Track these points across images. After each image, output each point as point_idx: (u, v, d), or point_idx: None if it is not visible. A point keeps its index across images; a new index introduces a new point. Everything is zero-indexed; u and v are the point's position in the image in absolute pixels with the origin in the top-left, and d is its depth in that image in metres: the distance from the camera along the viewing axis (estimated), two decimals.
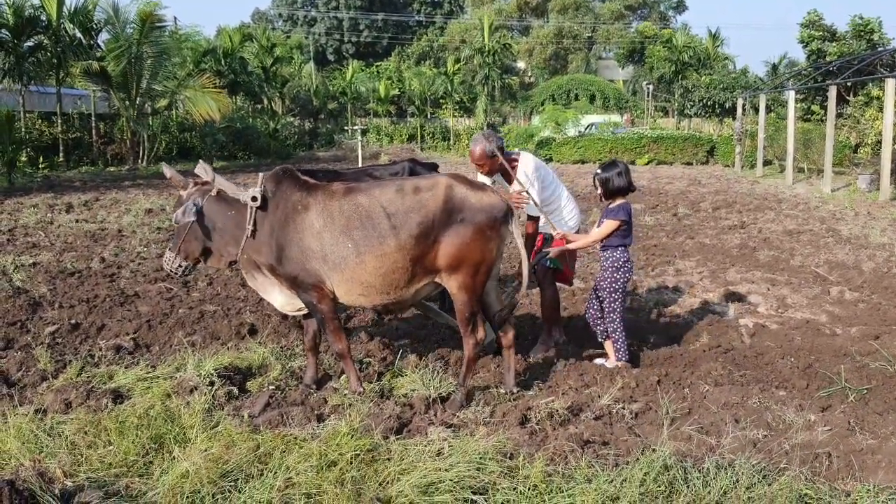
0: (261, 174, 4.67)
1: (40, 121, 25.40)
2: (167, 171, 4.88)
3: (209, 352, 5.39)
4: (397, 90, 42.88)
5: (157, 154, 27.75)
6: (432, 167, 6.47)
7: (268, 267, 4.63)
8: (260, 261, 4.64)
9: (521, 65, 60.82)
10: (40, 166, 23.33)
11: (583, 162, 30.30)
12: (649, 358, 5.75)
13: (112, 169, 25.73)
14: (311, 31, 60.16)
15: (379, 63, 52.22)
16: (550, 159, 31.81)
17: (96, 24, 25.06)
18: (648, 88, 43.17)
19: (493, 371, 5.33)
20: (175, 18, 32.99)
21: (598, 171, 5.25)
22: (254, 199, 4.50)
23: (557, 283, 6.07)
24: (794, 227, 12.66)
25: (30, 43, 23.61)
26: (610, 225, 5.23)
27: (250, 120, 34.60)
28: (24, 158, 22.56)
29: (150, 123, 27.77)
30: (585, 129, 34.69)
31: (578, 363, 5.44)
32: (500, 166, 5.33)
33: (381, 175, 5.85)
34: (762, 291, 8.12)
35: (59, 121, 25.43)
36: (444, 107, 43.84)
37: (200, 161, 5.05)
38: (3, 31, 22.65)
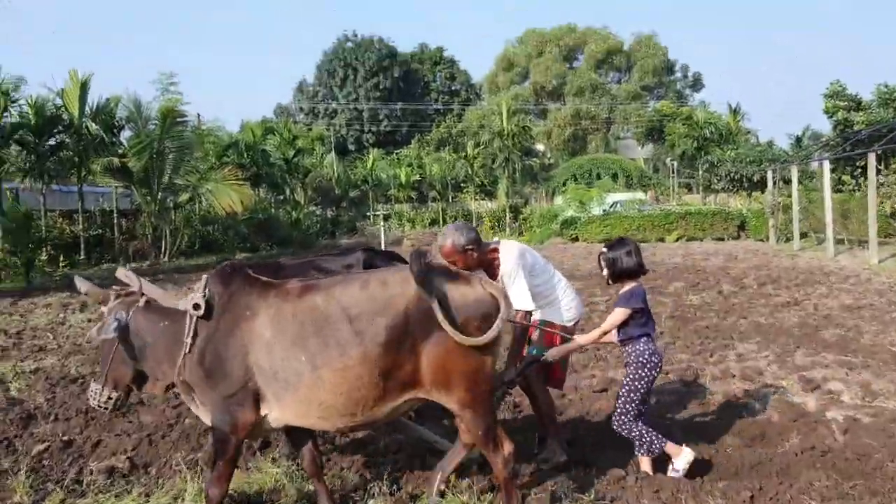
0: (205, 276, 3.91)
1: (61, 219, 25.28)
2: (80, 284, 4.10)
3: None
4: (418, 176, 42.95)
5: (180, 248, 27.48)
6: (391, 257, 5.72)
7: (192, 382, 3.81)
8: (187, 378, 3.82)
9: (540, 147, 61.07)
10: (61, 264, 23.03)
11: (610, 240, 29.59)
12: (733, 465, 4.85)
13: (134, 265, 25.38)
14: (332, 123, 61.07)
15: (399, 150, 52.63)
16: (577, 238, 31.24)
17: (118, 122, 25.21)
18: (672, 165, 42.83)
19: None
20: (198, 115, 33.34)
21: (605, 249, 4.60)
22: (196, 306, 3.75)
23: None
24: (852, 302, 11.72)
25: (51, 142, 23.69)
26: (618, 314, 4.50)
27: (272, 210, 34.52)
28: (44, 257, 22.27)
29: (173, 218, 27.63)
30: (610, 207, 34.19)
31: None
32: (475, 261, 4.54)
33: (330, 267, 5.15)
34: (840, 377, 7.19)
35: (81, 218, 25.31)
36: (464, 190, 43.76)
37: (120, 268, 4.41)
38: (25, 130, 22.76)
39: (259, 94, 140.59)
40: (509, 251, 4.71)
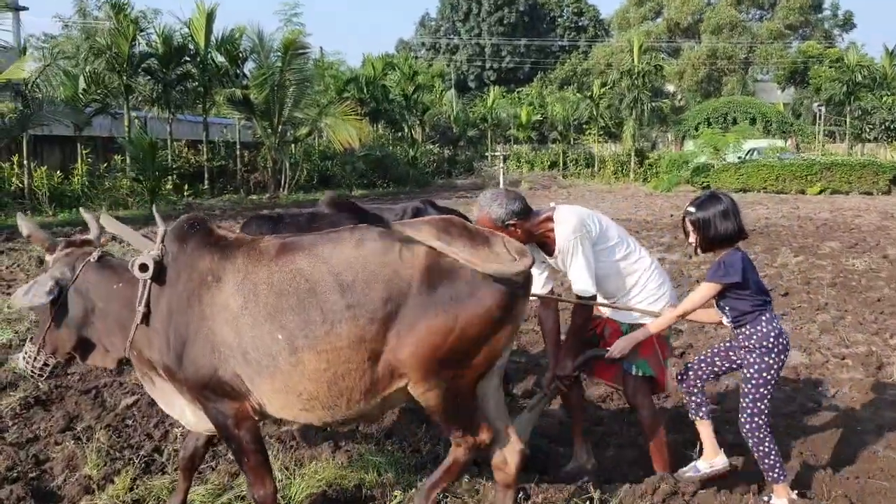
0: (161, 228, 3.15)
1: (187, 148, 25.71)
2: (23, 225, 3.33)
3: None
4: (539, 116, 41.29)
5: (298, 182, 27.56)
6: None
7: (164, 368, 3.10)
8: (153, 358, 3.12)
9: (670, 88, 57.80)
10: (185, 193, 23.46)
11: (745, 191, 27.63)
12: None
13: (254, 197, 25.68)
14: (453, 59, 59.82)
15: (520, 89, 50.98)
16: (708, 187, 29.22)
17: (242, 53, 25.17)
18: (820, 111, 39.32)
19: None
20: (321, 48, 33.14)
21: (691, 209, 3.51)
22: (143, 267, 3.00)
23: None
24: None
25: (178, 71, 23.93)
26: (705, 290, 3.52)
27: (390, 148, 34.12)
28: (168, 186, 22.72)
29: (293, 151, 27.67)
30: (746, 154, 31.77)
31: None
32: (521, 237, 3.62)
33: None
34: None
35: (205, 148, 25.67)
36: (587, 132, 41.88)
37: (81, 210, 3.73)
38: (152, 59, 23.04)
39: (382, 28, 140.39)
40: (566, 220, 3.71)
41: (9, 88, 17.64)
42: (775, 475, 3.48)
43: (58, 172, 20.81)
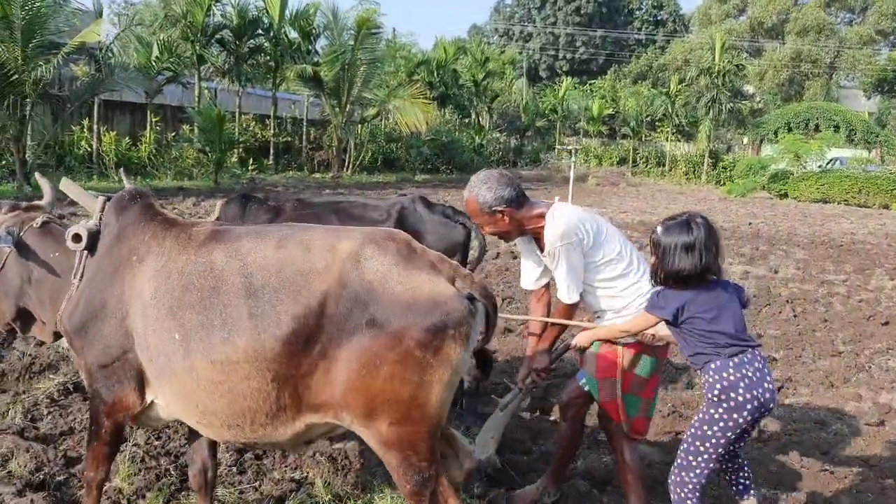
0: (101, 197, 2.98)
1: (254, 122, 25.64)
2: None
3: None
4: (611, 110, 40.14)
5: (362, 163, 27.29)
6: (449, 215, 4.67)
7: (65, 333, 2.89)
8: (64, 330, 2.89)
9: (749, 89, 55.77)
10: (249, 168, 23.37)
11: (825, 202, 26.31)
12: None
13: (317, 175, 25.50)
14: (526, 47, 58.76)
15: (593, 81, 49.77)
16: (786, 195, 27.96)
17: (314, 29, 24.97)
18: None
19: None
20: (393, 29, 32.71)
21: (659, 227, 3.03)
22: (76, 238, 2.84)
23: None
24: None
25: (250, 44, 23.82)
26: (638, 321, 3.16)
27: (456, 133, 33.59)
28: (234, 159, 22.65)
29: (359, 132, 27.38)
30: (828, 163, 30.25)
31: None
32: (510, 226, 3.40)
33: (357, 213, 4.43)
34: None
35: (273, 123, 25.55)
36: (659, 129, 40.60)
37: (37, 174, 3.63)
38: (226, 31, 22.96)
39: (455, 12, 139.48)
40: (556, 220, 3.32)
41: (83, 52, 17.64)
42: None
43: (126, 139, 20.90)
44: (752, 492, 3.20)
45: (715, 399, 2.93)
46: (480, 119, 36.57)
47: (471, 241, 4.79)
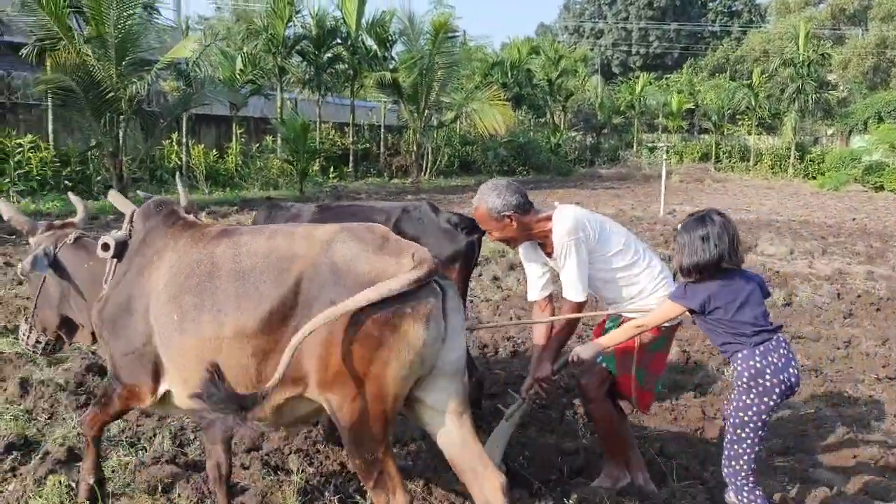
0: (130, 209, 3.36)
1: (333, 131, 25.85)
2: (6, 210, 3.54)
3: None
4: (691, 104, 39.04)
5: (439, 167, 27.22)
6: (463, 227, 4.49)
7: (98, 330, 3.22)
8: (95, 327, 3.24)
9: (832, 78, 53.55)
10: (330, 176, 23.56)
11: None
12: None
13: (396, 181, 25.52)
14: (597, 43, 57.90)
15: (668, 75, 48.62)
16: (881, 188, 26.66)
17: (391, 36, 24.99)
18: None
19: None
20: (464, 32, 32.48)
21: (679, 226, 3.26)
22: (104, 246, 3.20)
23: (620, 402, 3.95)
24: None
25: (329, 54, 24.01)
26: (664, 310, 3.31)
27: (531, 134, 33.22)
28: (315, 168, 22.85)
29: (435, 136, 27.33)
30: None
31: None
32: (518, 231, 3.60)
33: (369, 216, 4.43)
34: None
35: (352, 131, 25.71)
36: (739, 123, 39.32)
37: (70, 194, 4.00)
38: (305, 41, 23.21)
39: (523, 12, 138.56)
40: (563, 220, 3.53)
41: (171, 68, 18.02)
42: None
43: (213, 151, 21.30)
44: None
45: (745, 386, 3.13)
46: (555, 118, 36.08)
47: (475, 251, 4.59)
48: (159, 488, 3.64)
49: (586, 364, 3.59)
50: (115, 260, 3.21)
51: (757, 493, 3.15)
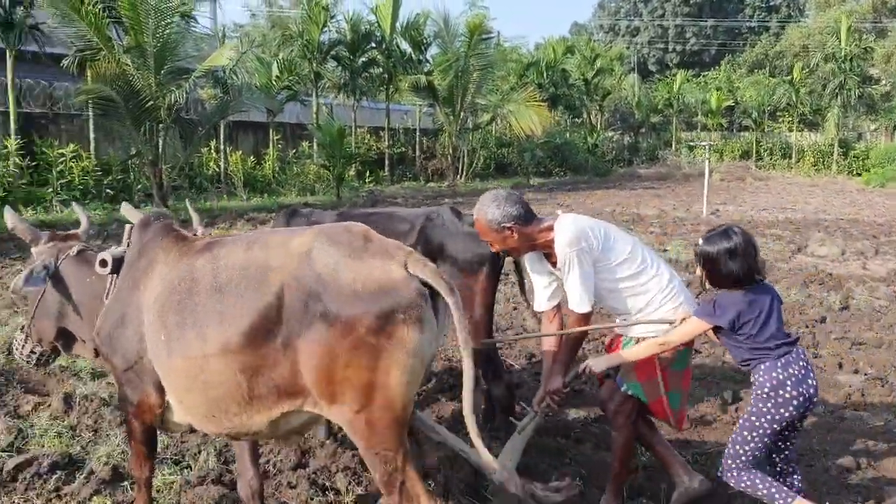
0: (127, 226, 3.32)
1: (368, 135, 25.82)
2: (8, 218, 3.57)
3: None
4: (731, 101, 38.31)
5: (475, 170, 27.05)
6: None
7: (98, 347, 3.20)
8: (96, 341, 3.20)
9: (873, 72, 52.22)
10: (366, 180, 23.53)
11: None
12: None
13: (432, 185, 25.42)
14: (633, 41, 57.22)
15: (706, 72, 47.85)
16: None
17: (426, 39, 24.90)
18: None
19: None
20: (498, 33, 32.23)
21: (700, 240, 3.30)
22: (102, 263, 3.20)
23: (654, 420, 3.82)
24: None
25: (363, 58, 23.99)
26: (691, 326, 3.33)
27: (567, 134, 32.87)
28: (351, 172, 22.82)
29: (471, 139, 27.16)
30: None
31: None
32: (519, 242, 3.54)
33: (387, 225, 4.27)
34: None
35: (387, 135, 25.66)
36: (780, 119, 38.50)
37: (74, 204, 4.15)
38: (340, 46, 23.22)
39: (556, 11, 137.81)
40: (565, 230, 3.44)
41: (208, 76, 18.11)
42: (781, 499, 3.16)
43: (250, 158, 21.39)
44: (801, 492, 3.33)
45: (764, 395, 3.17)
46: (592, 118, 35.66)
47: (501, 256, 4.35)
48: None
49: (614, 393, 3.62)
50: (115, 276, 3.18)
51: (755, 473, 3.23)
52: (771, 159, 36.24)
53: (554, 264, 3.58)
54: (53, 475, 3.90)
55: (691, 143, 33.14)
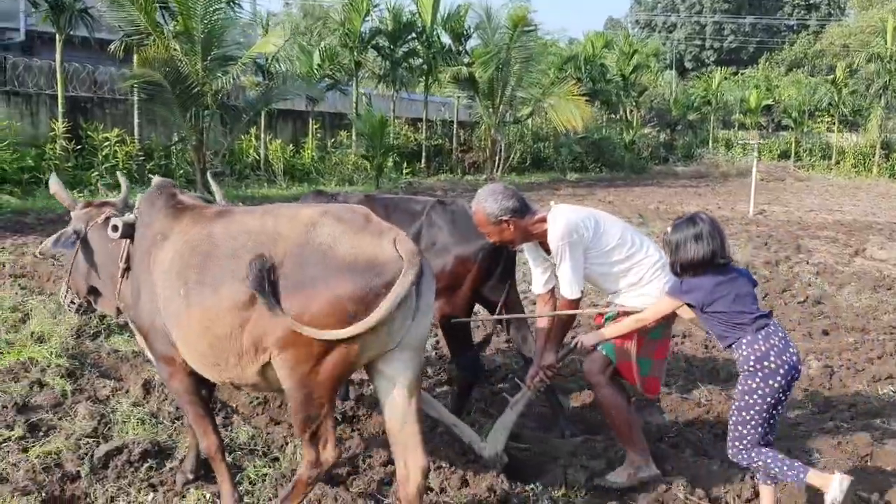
0: (140, 195, 3.61)
1: (406, 126, 25.68)
2: (53, 185, 3.95)
3: None
4: (770, 100, 37.67)
5: (511, 164, 26.81)
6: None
7: (129, 316, 3.63)
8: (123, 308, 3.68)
9: None
10: (404, 172, 23.40)
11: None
12: None
13: (469, 178, 25.22)
14: (669, 38, 56.54)
15: (743, 70, 47.18)
16: None
17: (466, 30, 24.65)
18: None
19: None
20: (537, 26, 31.85)
21: (668, 228, 3.52)
22: (114, 228, 3.49)
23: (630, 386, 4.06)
24: None
25: (404, 49, 23.82)
26: (662, 304, 3.58)
27: (604, 130, 32.50)
28: (390, 164, 22.70)
29: (508, 132, 26.92)
30: None
31: None
32: (515, 234, 3.81)
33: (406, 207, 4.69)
34: None
35: (424, 127, 25.50)
36: (818, 119, 37.82)
37: (118, 173, 4.58)
38: (381, 36, 23.06)
39: (590, 6, 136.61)
40: (557, 223, 3.71)
41: (250, 63, 18.04)
42: (794, 474, 3.28)
43: (290, 146, 21.35)
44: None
45: (751, 370, 3.31)
46: (628, 114, 35.24)
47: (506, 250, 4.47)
48: None
49: (588, 351, 3.89)
50: (129, 241, 3.48)
51: (764, 452, 3.33)
52: (810, 159, 35.60)
53: (549, 252, 3.83)
54: (145, 463, 3.83)
55: (744, 142, 32.48)
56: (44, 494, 3.48)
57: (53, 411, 4.43)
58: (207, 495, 3.43)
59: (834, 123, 36.46)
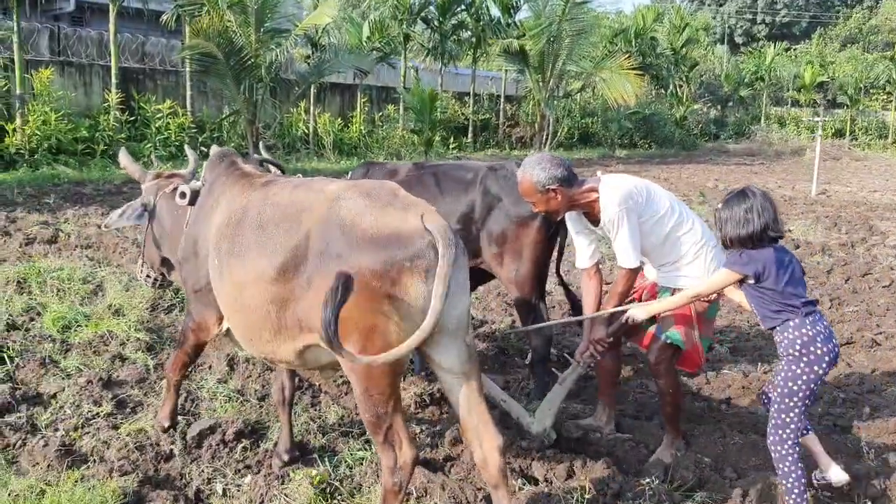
0: (205, 162, 3.64)
1: (454, 101, 25.36)
2: (123, 158, 4.05)
3: None
4: (825, 76, 36.54)
5: (559, 139, 26.36)
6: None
7: (179, 268, 3.69)
8: (177, 262, 3.73)
9: None
10: (450, 146, 23.14)
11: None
12: None
13: (516, 153, 24.88)
14: (720, 12, 55.08)
15: (796, 46, 45.82)
16: None
17: (516, 2, 24.13)
18: None
19: None
20: None
21: (719, 203, 3.36)
22: (181, 195, 3.55)
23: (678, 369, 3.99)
24: None
25: (453, 21, 23.43)
26: (720, 277, 3.39)
27: (654, 106, 31.81)
28: (437, 138, 22.45)
29: (556, 107, 26.47)
30: None
31: None
32: (562, 203, 3.63)
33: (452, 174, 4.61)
34: None
35: (471, 101, 25.16)
36: (874, 97, 36.62)
37: (186, 147, 4.57)
38: (430, 8, 22.70)
39: None
40: (611, 191, 3.60)
41: (301, 37, 17.85)
42: (793, 500, 3.23)
43: (337, 120, 21.21)
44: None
45: (796, 354, 3.20)
46: (678, 90, 34.45)
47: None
48: (413, 494, 3.25)
49: (653, 343, 3.81)
50: (192, 206, 3.53)
51: (798, 466, 3.22)
52: (866, 138, 34.53)
53: (594, 223, 3.72)
54: (239, 444, 3.70)
55: (808, 120, 31.57)
56: (139, 475, 3.38)
57: (139, 387, 4.34)
58: (315, 478, 3.28)
59: (890, 101, 35.29)
